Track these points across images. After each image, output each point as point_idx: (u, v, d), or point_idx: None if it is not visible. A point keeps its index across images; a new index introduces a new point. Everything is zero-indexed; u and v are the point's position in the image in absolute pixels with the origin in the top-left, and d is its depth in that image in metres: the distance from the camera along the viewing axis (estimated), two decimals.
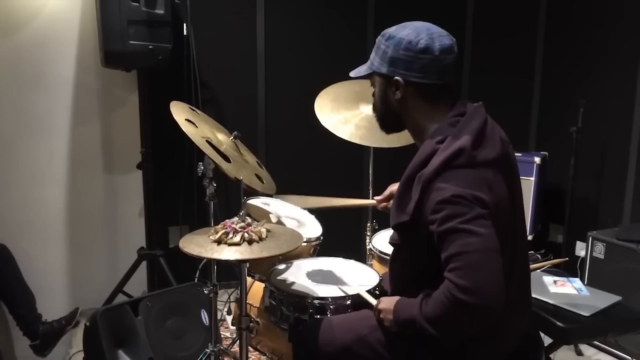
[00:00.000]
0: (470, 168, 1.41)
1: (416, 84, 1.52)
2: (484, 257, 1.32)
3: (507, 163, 1.52)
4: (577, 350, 2.88)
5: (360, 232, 2.89)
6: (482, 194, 1.37)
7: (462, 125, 1.47)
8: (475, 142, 1.44)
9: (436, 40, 1.49)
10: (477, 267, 1.31)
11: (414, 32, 1.51)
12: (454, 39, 1.52)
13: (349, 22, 3.72)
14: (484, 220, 1.35)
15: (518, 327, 1.63)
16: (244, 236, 1.79)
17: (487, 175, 1.42)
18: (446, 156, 1.41)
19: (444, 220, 1.36)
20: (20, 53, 3.03)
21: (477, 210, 1.35)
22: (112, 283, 3.12)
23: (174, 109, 2.04)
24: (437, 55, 1.48)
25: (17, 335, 2.83)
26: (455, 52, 1.52)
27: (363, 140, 2.39)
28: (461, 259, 1.32)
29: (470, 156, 1.41)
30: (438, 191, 1.39)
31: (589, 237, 2.94)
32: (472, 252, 1.32)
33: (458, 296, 1.30)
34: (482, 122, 1.49)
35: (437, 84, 1.52)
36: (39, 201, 3.17)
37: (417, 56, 1.49)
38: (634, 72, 3.21)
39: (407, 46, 1.50)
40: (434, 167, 1.42)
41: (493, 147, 1.47)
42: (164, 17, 2.82)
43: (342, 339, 1.65)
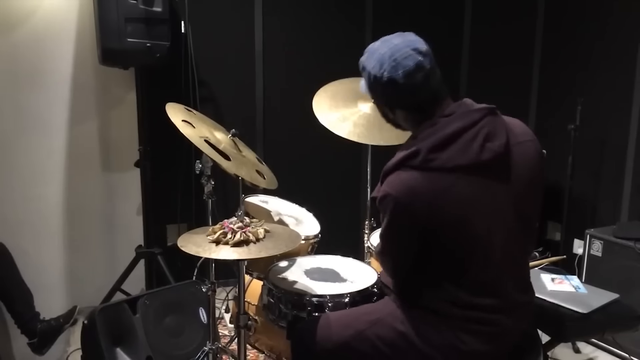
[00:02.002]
0: (422, 170, 1.48)
1: (396, 109, 1.61)
2: (389, 263, 1.67)
3: (491, 169, 1.50)
4: (574, 347, 2.89)
5: (359, 229, 2.89)
6: (421, 202, 1.46)
7: (439, 127, 1.51)
8: (436, 146, 1.47)
9: (399, 67, 1.50)
10: (386, 270, 1.72)
11: (378, 63, 1.53)
12: (423, 51, 1.52)
13: (347, 19, 3.72)
14: (405, 229, 1.53)
15: (519, 328, 1.64)
16: (241, 236, 1.79)
17: (439, 181, 1.47)
18: (402, 155, 1.50)
19: (380, 210, 1.56)
20: (17, 50, 3.03)
21: (402, 219, 1.51)
22: (110, 281, 3.12)
23: (170, 111, 2.03)
24: (403, 83, 1.51)
25: (15, 334, 2.82)
26: (424, 65, 1.51)
27: (361, 138, 2.39)
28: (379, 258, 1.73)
29: (424, 160, 1.47)
30: (388, 183, 1.51)
31: (587, 235, 2.94)
32: (382, 256, 1.69)
33: None
34: (460, 127, 1.49)
35: (414, 105, 1.57)
36: (36, 199, 3.16)
37: (386, 89, 1.55)
38: (632, 70, 3.21)
39: (375, 80, 1.55)
40: (395, 162, 1.52)
41: (463, 153, 1.47)
42: (161, 15, 2.81)
43: (341, 335, 1.66)
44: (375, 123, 2.43)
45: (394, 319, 1.62)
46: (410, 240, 1.53)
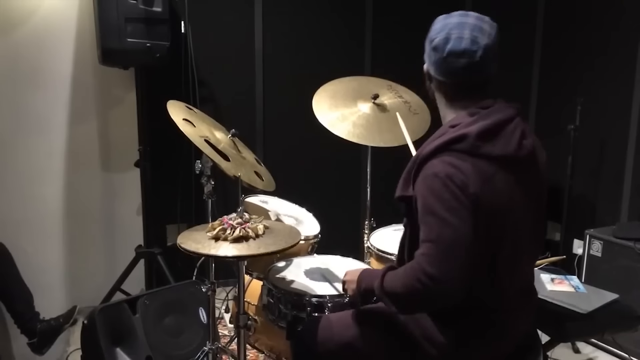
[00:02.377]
0: (469, 155, 1.43)
1: (435, 79, 1.55)
2: (455, 249, 1.37)
3: (522, 166, 1.50)
4: (574, 347, 2.89)
5: (358, 230, 2.89)
6: (472, 183, 1.39)
7: (480, 117, 1.48)
8: (483, 133, 1.44)
9: (450, 41, 1.47)
10: (446, 259, 1.36)
11: (440, 27, 1.52)
12: (480, 44, 1.46)
13: (347, 19, 3.72)
14: (464, 212, 1.38)
15: (522, 329, 1.64)
16: (241, 232, 1.79)
17: (486, 168, 1.43)
18: (448, 138, 1.44)
19: (428, 197, 1.41)
20: (17, 51, 3.03)
21: (459, 198, 1.38)
22: (110, 281, 3.12)
23: (171, 109, 2.03)
24: (444, 57, 1.48)
25: (14, 334, 2.82)
26: (472, 56, 1.46)
27: (360, 138, 2.39)
28: (434, 247, 1.38)
29: (473, 145, 1.43)
30: (432, 167, 1.43)
31: (587, 235, 2.94)
32: (444, 243, 1.37)
33: (423, 280, 1.36)
34: (502, 118, 1.49)
35: (446, 83, 1.53)
36: (36, 199, 3.16)
37: (431, 52, 1.52)
38: (632, 70, 3.21)
39: (428, 40, 1.54)
40: (435, 146, 1.45)
41: (506, 144, 1.46)
42: (161, 15, 2.82)
43: (342, 335, 1.66)
44: (374, 123, 2.43)
45: (396, 319, 1.62)
46: (471, 225, 1.39)
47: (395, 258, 1.73)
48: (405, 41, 3.83)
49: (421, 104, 2.59)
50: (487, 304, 1.52)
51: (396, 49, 3.81)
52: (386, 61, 3.76)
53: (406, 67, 3.68)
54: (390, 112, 2.50)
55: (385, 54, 3.78)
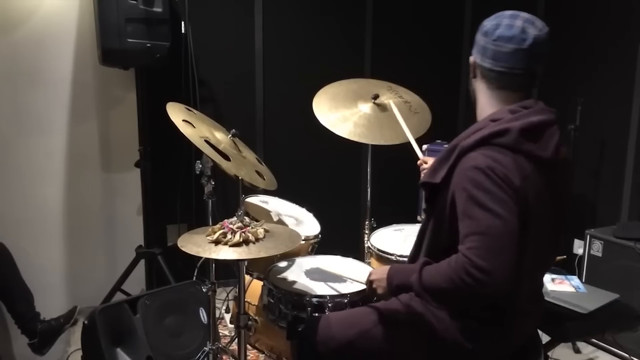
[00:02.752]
0: (511, 151, 1.42)
1: (481, 67, 1.55)
2: (505, 241, 1.35)
3: (555, 172, 1.50)
4: (575, 347, 2.89)
5: (359, 230, 2.89)
6: (513, 177, 1.39)
7: (522, 115, 1.47)
8: (525, 130, 1.44)
9: (500, 27, 1.49)
10: (497, 251, 1.34)
11: (493, 17, 1.54)
12: (528, 33, 1.48)
13: (347, 19, 3.72)
14: (510, 203, 1.36)
15: (527, 332, 1.65)
16: (241, 236, 1.79)
17: (525, 165, 1.42)
18: (491, 132, 1.44)
19: (472, 189, 1.39)
20: (17, 51, 3.03)
21: (505, 190, 1.37)
22: (110, 281, 3.12)
23: (171, 111, 2.03)
24: (493, 39, 1.49)
25: (15, 334, 2.83)
26: (521, 43, 1.47)
27: (361, 138, 2.39)
28: (483, 239, 1.35)
29: (516, 140, 1.42)
30: (472, 159, 1.42)
31: (587, 235, 2.94)
32: (495, 236, 1.34)
33: (474, 274, 1.33)
34: (544, 120, 1.48)
35: (493, 70, 1.51)
36: (37, 199, 3.16)
37: (480, 37, 1.54)
38: (632, 70, 3.21)
39: (479, 29, 1.55)
40: (477, 138, 1.45)
41: (544, 148, 1.46)
42: (161, 15, 2.82)
43: (345, 334, 1.66)
44: (375, 123, 2.43)
45: (399, 318, 1.62)
46: (518, 217, 1.37)
47: (411, 250, 1.71)
48: (405, 43, 3.84)
49: (421, 103, 2.59)
50: (501, 305, 1.51)
51: (396, 51, 3.82)
52: (386, 63, 3.76)
53: (406, 68, 3.72)
54: (391, 110, 2.50)
55: (385, 55, 3.78)
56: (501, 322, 1.53)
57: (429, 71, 3.82)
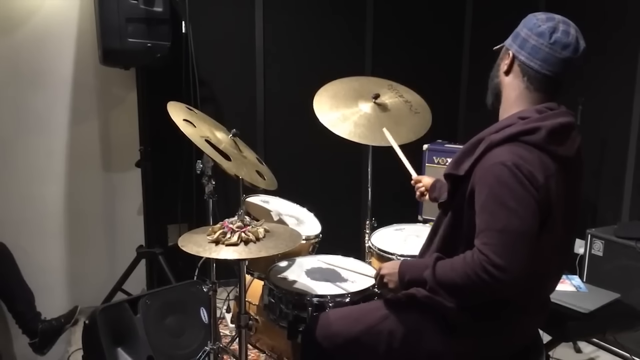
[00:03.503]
0: (538, 149, 1.43)
1: (521, 62, 1.54)
2: (522, 240, 1.36)
3: (574, 173, 1.53)
4: (575, 347, 2.89)
5: (359, 229, 2.90)
6: (538, 175, 1.39)
7: (549, 115, 1.49)
8: (554, 130, 1.45)
9: (558, 32, 1.50)
10: (513, 249, 1.35)
11: (546, 18, 1.54)
12: (580, 43, 1.52)
13: (348, 19, 3.72)
14: (532, 202, 1.37)
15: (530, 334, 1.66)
16: (241, 236, 1.79)
17: (549, 164, 1.43)
18: (521, 129, 1.44)
19: (495, 185, 1.39)
20: (18, 51, 3.03)
21: (529, 189, 1.37)
22: (111, 281, 3.12)
23: (172, 110, 2.03)
24: (549, 43, 1.49)
25: (16, 334, 2.83)
26: (575, 52, 1.50)
27: (362, 138, 2.38)
28: (500, 237, 1.36)
29: (543, 139, 1.43)
30: (499, 155, 1.42)
31: (588, 234, 2.94)
32: (512, 234, 1.36)
33: (490, 271, 1.35)
34: (570, 122, 1.51)
35: (539, 72, 1.51)
36: (37, 199, 3.16)
37: (532, 36, 1.52)
38: (633, 70, 3.20)
39: (530, 26, 1.53)
40: (505, 135, 1.45)
41: (567, 149, 1.48)
42: (162, 15, 2.81)
43: (351, 330, 1.65)
44: (376, 123, 2.43)
45: (407, 313, 1.62)
46: (537, 216, 1.39)
47: (424, 244, 1.72)
48: (406, 41, 3.84)
49: (422, 103, 2.59)
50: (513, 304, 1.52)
51: (397, 49, 3.81)
52: (387, 61, 3.76)
53: (407, 67, 3.72)
54: (392, 111, 2.50)
55: (385, 53, 3.78)
56: (508, 321, 1.54)
57: (430, 70, 3.81)
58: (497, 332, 1.56)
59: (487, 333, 1.55)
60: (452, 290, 1.46)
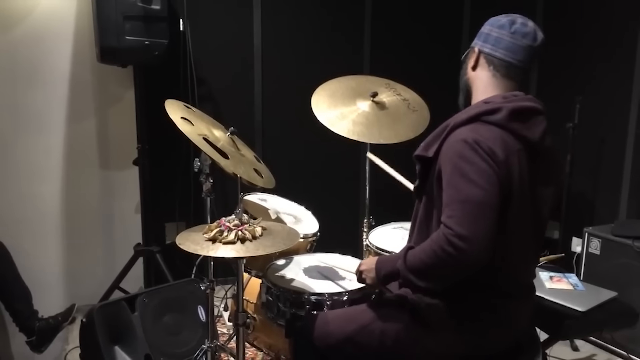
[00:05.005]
0: (499, 127, 1.49)
1: (486, 54, 1.63)
2: (484, 211, 1.41)
3: (542, 158, 1.56)
4: (573, 345, 2.89)
5: (357, 228, 2.89)
6: (498, 151, 1.45)
7: (513, 99, 1.55)
8: (516, 111, 1.52)
9: (517, 24, 1.60)
10: (476, 219, 1.40)
11: (504, 15, 1.65)
12: (538, 34, 1.60)
13: (346, 16, 3.72)
14: (493, 175, 1.43)
15: (521, 324, 1.66)
16: (237, 234, 1.79)
17: (511, 142, 1.49)
18: (482, 110, 1.53)
19: (457, 160, 1.45)
20: (16, 49, 3.02)
21: (489, 163, 1.43)
22: (108, 279, 3.12)
23: (169, 108, 2.03)
24: (510, 32, 1.59)
25: (13, 332, 2.82)
26: (534, 40, 1.59)
27: (360, 136, 2.38)
28: (463, 208, 1.41)
29: (504, 117, 1.50)
30: (460, 133, 1.49)
31: (585, 233, 2.95)
32: (474, 204, 1.40)
33: (454, 242, 1.39)
34: (534, 107, 1.57)
35: (504, 60, 1.60)
36: (35, 197, 3.16)
37: (493, 30, 1.63)
38: (631, 68, 3.21)
39: (492, 22, 1.65)
40: (468, 115, 1.53)
41: (530, 130, 1.53)
42: (160, 13, 2.81)
43: (344, 329, 1.67)
44: (374, 121, 2.43)
45: (399, 311, 1.63)
46: (498, 190, 1.44)
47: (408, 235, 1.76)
48: (403, 40, 3.84)
49: (420, 101, 2.59)
50: (493, 289, 1.55)
51: (395, 48, 3.81)
52: (384, 60, 3.76)
53: (405, 65, 3.71)
54: (390, 109, 2.50)
55: (383, 53, 3.78)
56: (494, 307, 1.56)
57: (428, 68, 3.81)
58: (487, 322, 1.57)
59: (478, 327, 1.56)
60: (422, 273, 1.49)
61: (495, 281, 1.54)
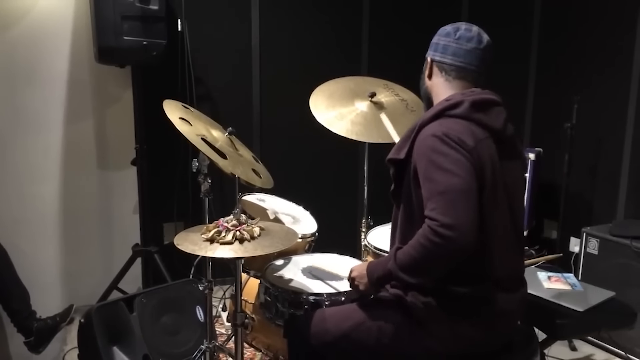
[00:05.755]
0: (464, 119, 1.57)
1: (437, 62, 1.71)
2: (464, 197, 1.45)
3: (505, 146, 1.61)
4: (571, 345, 2.90)
5: (356, 228, 2.89)
6: (467, 139, 1.52)
7: (472, 93, 1.63)
8: (476, 103, 1.59)
9: (460, 30, 1.68)
10: (458, 206, 1.44)
11: (450, 25, 1.72)
12: (483, 37, 1.68)
13: (344, 17, 3.71)
14: (466, 163, 1.48)
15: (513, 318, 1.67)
16: (235, 235, 1.79)
17: (477, 131, 1.55)
18: (445, 105, 1.60)
19: (430, 154, 1.51)
20: (13, 49, 3.01)
21: (461, 152, 1.49)
22: (106, 280, 3.12)
23: (168, 108, 2.03)
24: (455, 38, 1.68)
25: (11, 332, 2.82)
26: (479, 43, 1.66)
27: (359, 136, 2.39)
28: (444, 197, 1.45)
29: (468, 110, 1.57)
30: (428, 130, 1.56)
31: (583, 233, 2.95)
32: (454, 192, 1.45)
33: (440, 232, 1.42)
34: (492, 99, 1.64)
35: (452, 64, 1.68)
36: (33, 197, 3.15)
37: (441, 38, 1.71)
38: (628, 68, 3.22)
39: (439, 32, 1.74)
40: (432, 113, 1.60)
41: (493, 119, 1.60)
42: (158, 13, 2.81)
43: (340, 327, 1.67)
44: (372, 121, 2.43)
45: (395, 309, 1.63)
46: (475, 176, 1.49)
47: (389, 240, 1.77)
48: (402, 41, 3.84)
49: (418, 101, 2.59)
50: (483, 280, 1.57)
51: (393, 49, 3.81)
52: (383, 61, 3.76)
53: (403, 66, 3.70)
54: (388, 109, 2.51)
55: (381, 53, 3.78)
56: (486, 301, 1.57)
57: None
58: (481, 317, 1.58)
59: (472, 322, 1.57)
60: (413, 269, 1.51)
61: (483, 270, 1.56)
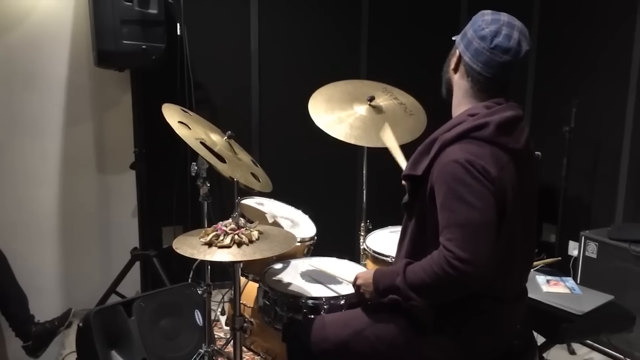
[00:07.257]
0: (488, 144, 1.49)
1: (466, 63, 1.58)
2: (483, 232, 1.41)
3: (525, 163, 1.57)
4: (570, 349, 2.89)
5: (354, 231, 2.90)
6: (490, 168, 1.44)
7: (497, 110, 1.54)
8: (502, 124, 1.51)
9: (500, 36, 1.52)
10: (476, 242, 1.40)
11: (491, 20, 1.55)
12: (522, 47, 1.53)
13: (342, 22, 3.72)
14: (488, 195, 1.43)
15: (514, 329, 1.66)
16: (234, 239, 1.79)
17: (501, 157, 1.49)
18: (470, 126, 1.50)
19: (451, 182, 1.44)
20: (12, 53, 3.01)
21: (483, 183, 1.43)
22: (105, 284, 3.11)
23: (167, 112, 2.03)
24: (490, 47, 1.52)
25: (9, 336, 2.81)
26: (516, 56, 1.52)
27: (358, 140, 2.39)
28: (462, 231, 1.41)
29: (492, 133, 1.49)
30: (452, 153, 1.48)
31: (582, 236, 2.95)
32: (473, 227, 1.41)
33: (456, 265, 1.39)
34: (517, 115, 1.56)
35: (481, 74, 1.55)
36: (31, 201, 3.15)
37: (475, 39, 1.55)
38: (626, 72, 3.22)
39: (475, 28, 1.56)
40: (456, 133, 1.51)
41: (517, 141, 1.54)
42: (157, 17, 2.81)
43: (339, 334, 1.66)
44: (371, 125, 2.44)
45: (395, 316, 1.62)
46: (495, 208, 1.44)
47: (396, 250, 1.74)
48: (400, 45, 3.85)
49: (416, 105, 2.60)
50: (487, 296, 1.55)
51: (391, 53, 3.82)
52: (381, 64, 3.76)
53: (401, 70, 3.72)
54: (387, 113, 2.51)
55: (380, 57, 3.79)
56: (487, 312, 1.56)
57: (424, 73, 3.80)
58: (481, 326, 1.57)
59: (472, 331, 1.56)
60: (424, 291, 1.49)
61: (488, 290, 1.54)
